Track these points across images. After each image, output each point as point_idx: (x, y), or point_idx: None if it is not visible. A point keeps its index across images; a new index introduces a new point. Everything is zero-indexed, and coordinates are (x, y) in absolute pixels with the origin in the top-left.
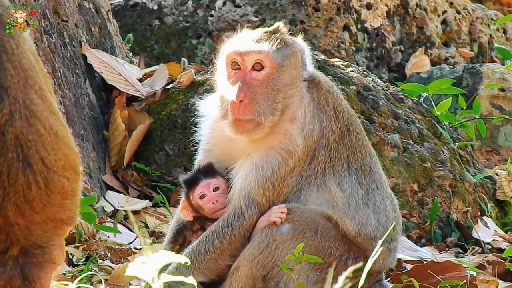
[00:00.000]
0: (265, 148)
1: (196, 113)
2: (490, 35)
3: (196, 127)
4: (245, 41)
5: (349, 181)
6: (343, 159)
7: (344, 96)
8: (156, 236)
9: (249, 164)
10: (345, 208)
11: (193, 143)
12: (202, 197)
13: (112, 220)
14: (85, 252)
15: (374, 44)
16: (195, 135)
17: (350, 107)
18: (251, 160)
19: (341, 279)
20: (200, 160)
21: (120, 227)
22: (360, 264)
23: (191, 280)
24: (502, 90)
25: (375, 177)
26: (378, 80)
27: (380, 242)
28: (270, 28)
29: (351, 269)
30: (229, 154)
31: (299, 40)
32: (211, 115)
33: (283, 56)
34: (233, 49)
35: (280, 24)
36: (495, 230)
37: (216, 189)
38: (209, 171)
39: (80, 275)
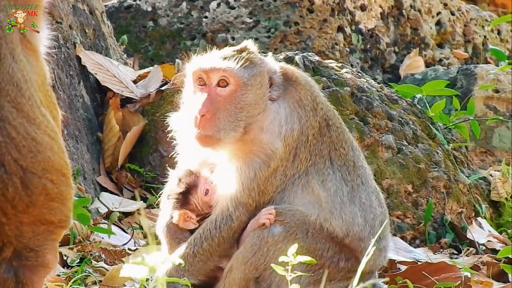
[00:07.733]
0: (245, 153)
1: None
2: (485, 36)
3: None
4: (211, 58)
5: (333, 178)
6: (324, 156)
7: (338, 97)
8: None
9: (232, 168)
10: (330, 207)
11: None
12: (206, 193)
13: (106, 222)
14: (79, 253)
15: (368, 46)
16: (175, 147)
17: (344, 108)
18: (233, 165)
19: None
20: (179, 169)
21: (114, 228)
22: (357, 270)
23: (185, 281)
24: (497, 91)
25: (360, 172)
26: (372, 81)
27: (372, 241)
28: (238, 47)
29: (357, 277)
30: (206, 161)
31: (269, 59)
32: (180, 129)
33: (249, 75)
34: (199, 65)
35: (248, 43)
36: (490, 231)
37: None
38: (189, 175)
39: (75, 276)
